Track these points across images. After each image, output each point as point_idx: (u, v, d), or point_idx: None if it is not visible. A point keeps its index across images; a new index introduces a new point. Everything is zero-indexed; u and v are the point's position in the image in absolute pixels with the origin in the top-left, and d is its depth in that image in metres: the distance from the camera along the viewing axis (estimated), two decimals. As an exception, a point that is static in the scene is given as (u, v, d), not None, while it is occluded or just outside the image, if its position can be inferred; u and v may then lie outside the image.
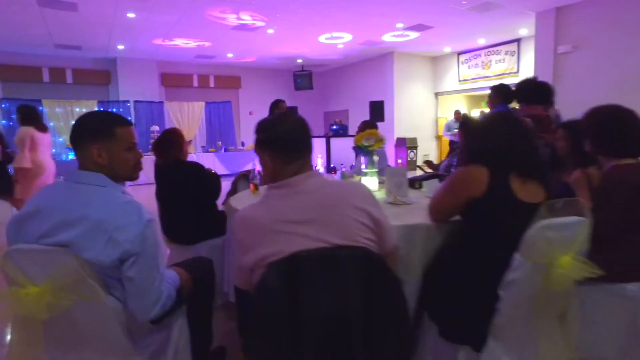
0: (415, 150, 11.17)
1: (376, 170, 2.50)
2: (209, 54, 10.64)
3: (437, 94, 12.39)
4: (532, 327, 1.53)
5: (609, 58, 7.21)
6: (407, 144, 10.98)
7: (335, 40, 9.66)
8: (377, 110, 10.51)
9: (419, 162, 10.29)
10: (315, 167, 3.83)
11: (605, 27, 7.20)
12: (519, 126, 1.62)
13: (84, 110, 10.00)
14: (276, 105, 5.01)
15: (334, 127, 11.24)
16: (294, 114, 1.47)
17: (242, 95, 13.05)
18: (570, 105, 7.61)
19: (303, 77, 12.55)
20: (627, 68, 6.94)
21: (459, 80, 11.58)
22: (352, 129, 12.57)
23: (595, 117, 1.97)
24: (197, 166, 2.73)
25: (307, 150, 1.32)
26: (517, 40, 10.06)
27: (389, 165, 3.25)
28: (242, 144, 11.56)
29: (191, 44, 9.51)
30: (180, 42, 9.29)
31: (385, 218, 1.32)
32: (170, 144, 2.70)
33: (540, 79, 8.65)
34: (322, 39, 9.49)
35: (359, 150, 2.54)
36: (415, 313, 1.81)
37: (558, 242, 1.37)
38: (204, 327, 1.84)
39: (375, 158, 2.51)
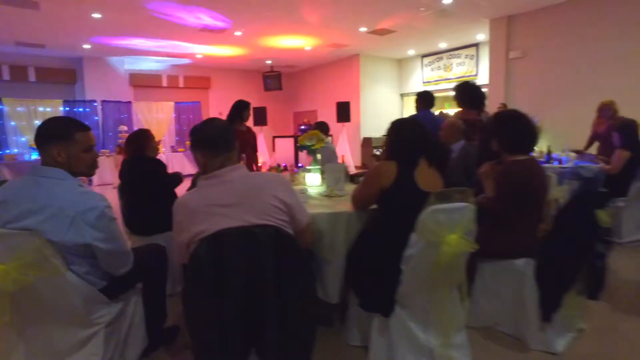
0: (381, 150, 11.56)
1: (319, 167, 2.79)
2: (178, 53, 10.70)
3: (402, 95, 12.85)
4: (431, 296, 1.84)
5: (552, 65, 7.77)
6: (372, 144, 11.36)
7: (302, 44, 9.94)
8: (344, 111, 10.83)
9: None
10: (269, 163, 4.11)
11: (549, 37, 7.77)
12: (422, 128, 1.94)
13: (48, 110, 9.86)
14: (246, 107, 5.20)
15: (303, 127, 11.51)
16: (219, 120, 1.75)
17: (212, 96, 13.13)
18: (521, 107, 8.19)
19: (272, 78, 12.74)
20: (567, 75, 7.53)
21: (423, 82, 12.05)
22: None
23: (499, 120, 2.32)
24: (156, 163, 2.93)
25: (230, 148, 1.59)
26: (476, 45, 10.58)
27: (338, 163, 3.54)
28: (212, 144, 11.68)
29: (159, 44, 9.56)
30: (147, 43, 9.32)
31: (298, 203, 1.61)
32: (136, 141, 2.92)
33: (493, 82, 9.20)
34: (289, 42, 9.74)
35: (301, 149, 2.81)
36: (343, 289, 2.12)
37: (446, 223, 1.69)
38: (158, 305, 2.08)
39: (319, 156, 2.79)
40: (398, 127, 1.99)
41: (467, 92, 3.69)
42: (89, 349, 1.64)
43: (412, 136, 1.90)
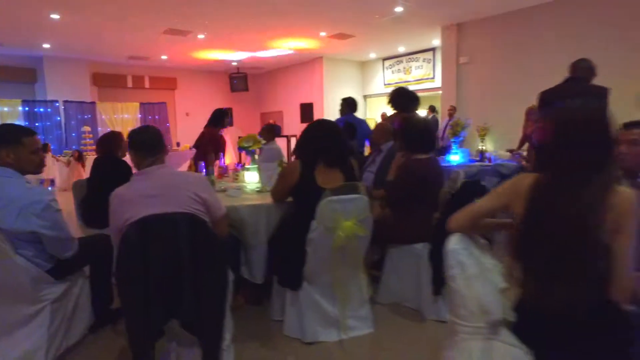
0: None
1: (256, 166, 3.13)
2: (142, 55, 10.77)
3: (365, 97, 13.32)
4: (334, 274, 2.21)
5: (497, 71, 8.38)
6: (336, 144, 11.77)
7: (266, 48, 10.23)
8: (307, 112, 11.21)
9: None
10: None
11: (494, 44, 8.37)
12: (326, 129, 2.31)
13: (6, 110, 9.71)
14: (226, 114, 5.40)
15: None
16: (152, 127, 2.07)
17: (179, 96, 13.22)
18: (470, 108, 8.79)
19: (239, 79, 12.94)
20: (510, 80, 8.13)
21: (384, 84, 12.56)
22: (288, 129, 13.21)
23: (404, 123, 2.73)
24: (122, 164, 3.18)
25: (159, 151, 1.91)
26: (433, 50, 11.13)
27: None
28: (177, 145, 11.77)
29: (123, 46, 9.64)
30: (111, 43, 9.38)
31: (213, 198, 1.95)
32: (107, 143, 3.19)
33: (445, 85, 9.75)
34: (252, 45, 10.01)
35: (240, 150, 3.15)
36: (267, 271, 2.48)
37: (341, 212, 2.06)
38: (104, 287, 2.37)
39: (256, 156, 3.14)
40: (304, 132, 2.36)
41: (399, 97, 4.09)
42: (37, 321, 1.93)
43: (314, 141, 2.27)
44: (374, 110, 13.44)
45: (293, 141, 11.55)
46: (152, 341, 1.80)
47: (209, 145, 4.37)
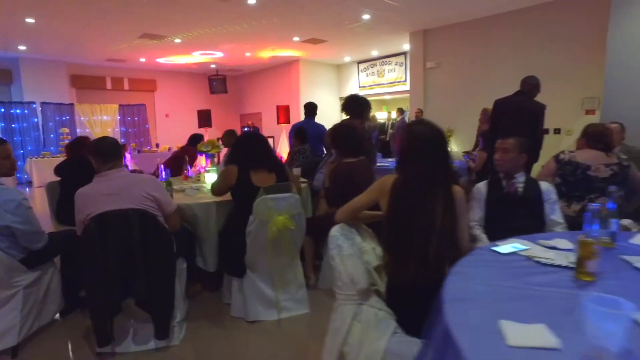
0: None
1: (215, 168, 3.47)
2: (120, 58, 10.94)
3: (341, 99, 13.70)
4: (272, 263, 2.57)
5: (461, 75, 8.85)
6: (312, 144, 12.14)
7: (242, 51, 10.54)
8: (284, 114, 11.53)
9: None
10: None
11: (459, 50, 8.84)
12: (254, 138, 2.69)
13: (-19, 110, 9.80)
14: (202, 137, 5.81)
15: (246, 128, 12.09)
16: (110, 138, 2.40)
17: (158, 98, 13.39)
18: (437, 111, 9.25)
19: (218, 81, 13.18)
20: (473, 85, 8.61)
21: (359, 87, 12.97)
22: (267, 131, 13.53)
23: (332, 130, 3.10)
24: (88, 165, 3.46)
25: (116, 157, 2.25)
26: (404, 54, 11.57)
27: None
28: (157, 146, 11.97)
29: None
30: (88, 45, 9.55)
31: (164, 197, 2.29)
32: (76, 147, 3.49)
33: (413, 89, 10.16)
34: (227, 48, 10.30)
35: (200, 153, 3.49)
36: (219, 261, 2.83)
37: (274, 208, 2.43)
38: (73, 277, 2.68)
39: (215, 160, 3.49)
40: (237, 141, 2.74)
41: (352, 104, 4.45)
42: (11, 304, 2.24)
43: (244, 150, 2.66)
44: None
45: (270, 142, 11.92)
46: (111, 316, 2.14)
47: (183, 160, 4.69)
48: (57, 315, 2.69)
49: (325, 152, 5.18)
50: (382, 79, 12.40)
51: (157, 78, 13.19)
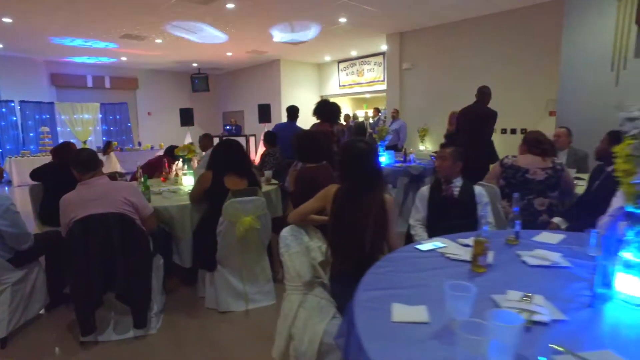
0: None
1: (192, 171, 3.72)
2: (101, 56, 10.99)
3: (322, 97, 13.96)
4: (242, 258, 2.85)
5: (435, 77, 9.20)
6: (293, 142, 12.38)
7: (224, 51, 10.69)
8: (265, 112, 11.73)
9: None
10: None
11: (432, 52, 9.18)
12: (229, 144, 2.95)
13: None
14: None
15: (228, 127, 12.25)
16: (89, 149, 2.63)
17: (140, 96, 13.44)
18: (413, 111, 9.59)
19: (200, 79, 13.30)
20: (445, 86, 8.97)
21: (339, 86, 13.26)
22: (249, 129, 13.71)
23: (296, 137, 3.37)
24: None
25: (96, 166, 2.49)
26: (383, 54, 11.87)
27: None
28: (139, 144, 12.07)
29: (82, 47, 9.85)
30: (68, 45, 9.58)
31: (141, 202, 2.54)
32: (60, 152, 3.68)
33: (390, 89, 10.47)
34: (209, 49, 10.45)
35: (177, 158, 3.73)
36: (194, 257, 3.09)
37: (242, 209, 2.70)
38: (57, 274, 2.91)
39: (191, 163, 3.73)
40: (215, 148, 3.00)
41: (322, 108, 4.73)
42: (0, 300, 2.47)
43: (221, 156, 2.91)
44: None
45: (252, 140, 12.11)
46: (93, 309, 2.39)
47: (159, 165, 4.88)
48: (43, 310, 2.92)
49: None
50: (361, 79, 12.70)
51: (139, 76, 13.23)
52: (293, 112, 5.20)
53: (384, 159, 5.86)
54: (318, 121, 4.80)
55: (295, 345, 1.77)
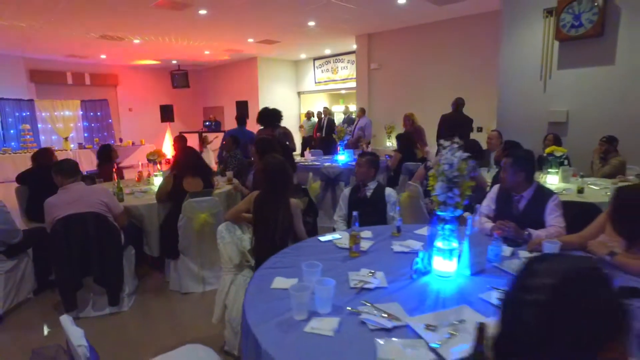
0: (278, 142, 13.17)
1: (162, 172, 4.27)
2: (81, 54, 11.26)
3: (299, 93, 14.48)
4: (199, 248, 3.42)
5: (401, 77, 9.79)
6: (270, 137, 12.90)
7: (201, 50, 11.10)
8: (242, 109, 12.23)
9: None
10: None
11: (399, 53, 9.76)
12: (186, 151, 3.51)
13: None
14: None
15: (207, 123, 12.67)
16: (69, 160, 3.16)
17: (121, 92, 13.73)
18: (381, 109, 10.18)
19: (180, 75, 13.61)
20: (412, 86, 9.57)
21: (315, 82, 13.76)
22: (230, 124, 14.13)
23: (255, 144, 3.93)
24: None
25: (76, 174, 3.03)
26: (355, 52, 12.38)
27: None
28: (120, 141, 12.42)
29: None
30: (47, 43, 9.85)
31: (113, 202, 3.09)
32: (42, 157, 4.17)
33: (359, 88, 11.02)
34: (187, 48, 10.85)
35: (149, 161, 4.29)
36: (160, 249, 3.65)
37: (198, 208, 3.27)
38: (44, 263, 3.45)
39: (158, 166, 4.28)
40: (175, 154, 3.56)
41: (263, 116, 5.25)
42: (-4, 285, 3.02)
43: (180, 159, 3.48)
44: (309, 105, 14.65)
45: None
46: (74, 290, 2.95)
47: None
48: (31, 294, 3.46)
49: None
50: (335, 76, 13.22)
51: (119, 73, 13.51)
52: (242, 118, 5.81)
53: (343, 157, 6.45)
54: (262, 127, 5.32)
55: (228, 313, 2.37)
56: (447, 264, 1.87)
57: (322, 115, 10.79)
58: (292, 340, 1.36)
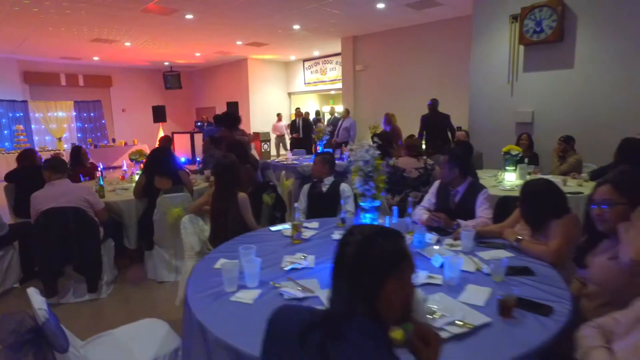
0: (268, 143, 13.42)
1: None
2: (74, 56, 11.52)
3: (290, 94, 14.75)
4: (173, 241, 3.71)
5: (386, 78, 10.07)
6: (260, 138, 13.16)
7: (191, 51, 11.37)
8: (233, 109, 12.52)
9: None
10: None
11: (383, 55, 10.04)
12: (157, 152, 3.81)
13: None
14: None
15: (199, 123, 12.95)
16: (58, 158, 3.45)
17: (114, 94, 13.99)
18: (365, 109, 10.46)
19: (172, 77, 13.90)
20: (396, 87, 9.86)
21: (305, 83, 14.04)
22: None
23: (228, 143, 4.22)
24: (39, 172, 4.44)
25: (64, 171, 3.31)
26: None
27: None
28: (113, 141, 12.68)
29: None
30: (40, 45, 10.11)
31: (94, 198, 3.38)
32: (27, 157, 4.46)
33: (345, 89, 11.31)
34: (178, 50, 11.12)
35: (132, 160, 4.58)
36: (138, 241, 3.94)
37: (171, 203, 3.56)
38: (28, 255, 3.73)
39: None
40: (148, 157, 3.85)
41: (222, 119, 5.75)
42: (-17, 274, 3.30)
43: (151, 160, 3.77)
44: (300, 105, 14.92)
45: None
46: (56, 277, 3.23)
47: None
48: (17, 283, 3.73)
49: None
50: (324, 77, 13.50)
51: (113, 74, 13.76)
52: (216, 120, 6.25)
53: (323, 156, 6.74)
54: (222, 128, 5.82)
55: (189, 294, 2.66)
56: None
57: (296, 117, 11.07)
58: (217, 305, 1.65)
